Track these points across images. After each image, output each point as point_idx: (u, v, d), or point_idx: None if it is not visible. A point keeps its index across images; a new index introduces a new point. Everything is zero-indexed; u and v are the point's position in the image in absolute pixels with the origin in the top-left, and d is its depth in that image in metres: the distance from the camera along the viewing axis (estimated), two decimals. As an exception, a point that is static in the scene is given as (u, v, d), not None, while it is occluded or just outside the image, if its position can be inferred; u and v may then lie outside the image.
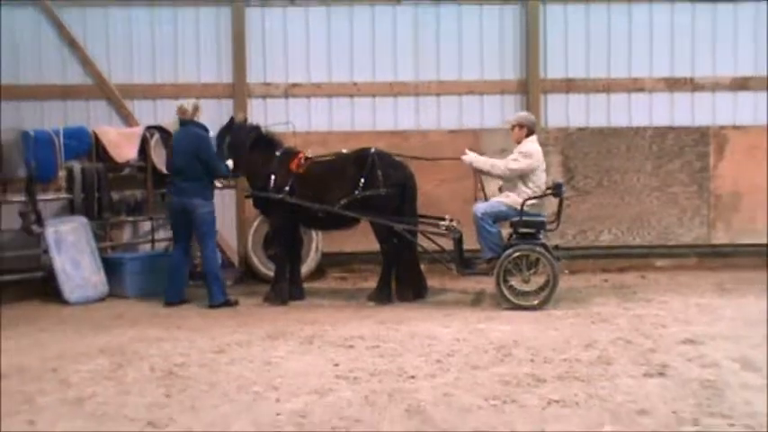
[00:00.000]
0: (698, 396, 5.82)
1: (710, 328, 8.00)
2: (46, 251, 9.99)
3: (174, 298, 9.66)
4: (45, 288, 10.03)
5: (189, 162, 9.49)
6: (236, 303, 9.60)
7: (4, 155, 9.87)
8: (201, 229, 9.60)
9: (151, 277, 10.06)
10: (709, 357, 6.87)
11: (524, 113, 9.98)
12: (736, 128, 11.71)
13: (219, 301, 9.47)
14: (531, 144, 9.34)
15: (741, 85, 12.00)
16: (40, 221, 10.05)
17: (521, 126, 9.45)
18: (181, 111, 9.75)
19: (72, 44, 11.50)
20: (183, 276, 9.91)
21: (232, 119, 10.16)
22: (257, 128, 10.15)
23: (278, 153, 9.83)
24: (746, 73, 11.99)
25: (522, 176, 9.19)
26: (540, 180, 9.30)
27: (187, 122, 9.70)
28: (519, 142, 9.39)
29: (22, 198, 10.07)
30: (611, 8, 11.88)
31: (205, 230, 9.61)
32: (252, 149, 9.89)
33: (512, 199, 9.16)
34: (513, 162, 9.18)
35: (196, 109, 9.73)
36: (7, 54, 11.42)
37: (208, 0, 11.65)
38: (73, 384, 6.35)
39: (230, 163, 9.82)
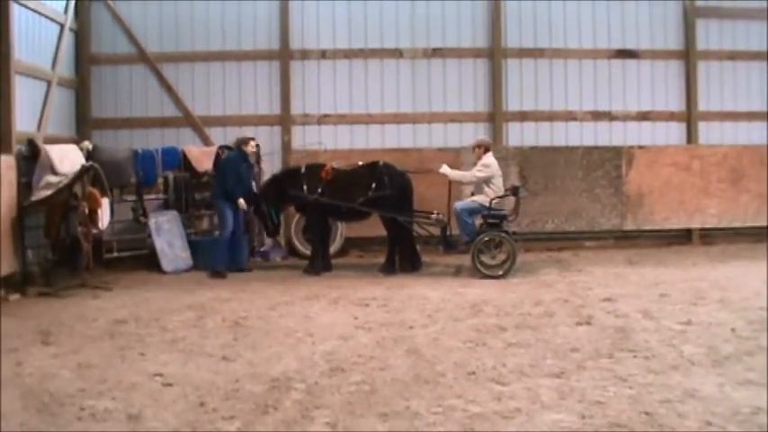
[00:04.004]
0: (613, 338, 5.89)
1: (622, 289, 8.04)
2: (149, 235, 10.04)
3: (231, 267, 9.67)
4: (149, 261, 10.07)
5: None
6: (249, 270, 9.78)
7: (121, 167, 9.91)
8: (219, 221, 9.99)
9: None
10: (621, 310, 6.92)
11: (482, 137, 10.10)
12: (640, 147, 11.62)
13: (214, 270, 9.45)
14: (489, 158, 9.36)
15: (643, 116, 11.94)
16: (145, 214, 10.11)
17: (480, 146, 9.50)
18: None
19: (168, 89, 11.48)
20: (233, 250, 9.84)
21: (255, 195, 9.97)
22: (275, 175, 10.21)
23: (302, 171, 9.72)
24: (647, 108, 11.95)
25: (486, 182, 9.21)
26: (499, 183, 9.30)
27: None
28: (480, 158, 9.40)
29: (133, 198, 10.18)
30: (552, 62, 11.82)
31: (220, 221, 9.88)
32: (280, 181, 9.82)
33: (482, 198, 9.18)
34: (479, 172, 9.23)
35: (241, 142, 9.87)
36: (125, 97, 11.48)
37: (263, 56, 11.62)
38: (169, 330, 6.44)
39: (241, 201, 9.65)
